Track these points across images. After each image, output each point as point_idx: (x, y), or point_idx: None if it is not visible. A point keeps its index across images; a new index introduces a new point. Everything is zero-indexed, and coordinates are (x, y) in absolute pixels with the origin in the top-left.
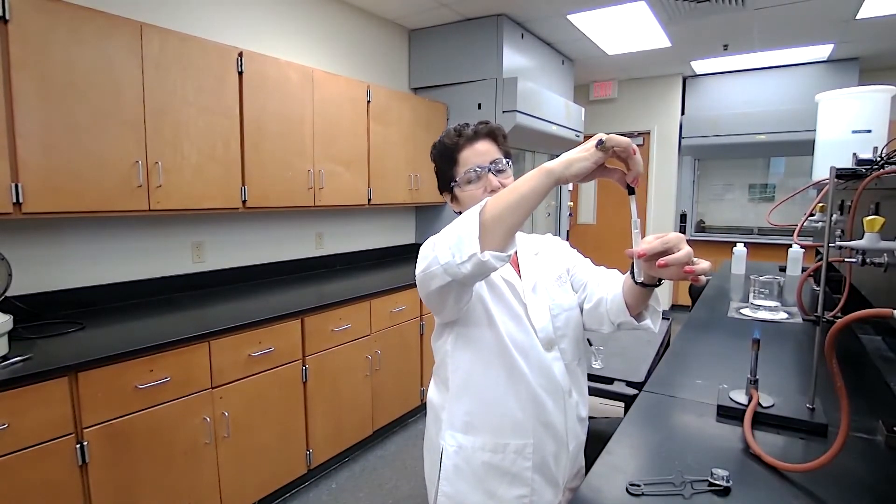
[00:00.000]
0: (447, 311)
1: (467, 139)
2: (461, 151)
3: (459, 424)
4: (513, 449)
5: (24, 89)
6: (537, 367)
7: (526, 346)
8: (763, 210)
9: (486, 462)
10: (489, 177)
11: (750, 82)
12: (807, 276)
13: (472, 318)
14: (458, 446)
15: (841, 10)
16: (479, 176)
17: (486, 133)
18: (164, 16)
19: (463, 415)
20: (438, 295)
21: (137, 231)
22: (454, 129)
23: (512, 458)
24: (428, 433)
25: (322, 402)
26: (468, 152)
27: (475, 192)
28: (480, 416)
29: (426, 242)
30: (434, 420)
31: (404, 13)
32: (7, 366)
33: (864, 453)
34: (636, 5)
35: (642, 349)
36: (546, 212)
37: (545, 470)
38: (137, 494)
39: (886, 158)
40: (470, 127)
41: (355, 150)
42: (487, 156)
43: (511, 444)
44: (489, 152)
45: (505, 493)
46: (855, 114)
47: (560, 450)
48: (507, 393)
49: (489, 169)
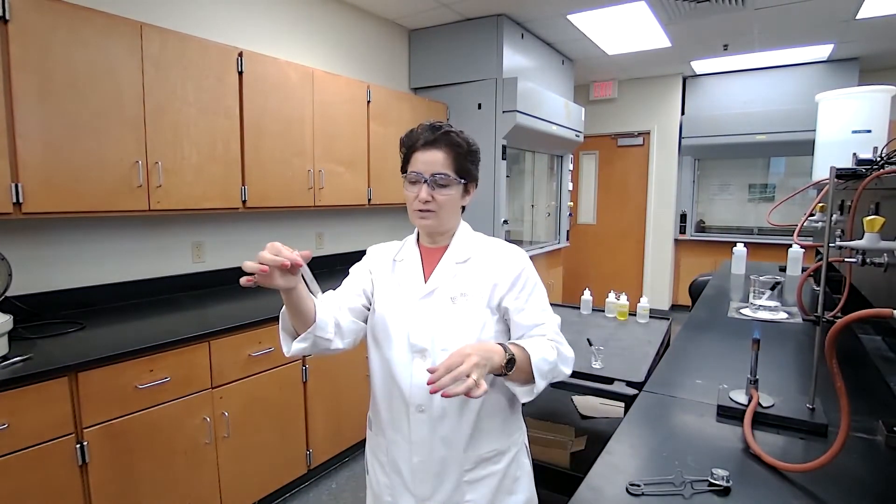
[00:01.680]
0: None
1: (423, 143)
2: (414, 152)
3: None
4: (381, 445)
5: (24, 89)
6: (398, 373)
7: (394, 350)
8: (763, 210)
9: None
10: (423, 187)
11: (750, 82)
12: (807, 276)
13: (371, 321)
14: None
15: (841, 10)
16: (413, 182)
17: (445, 144)
18: (164, 16)
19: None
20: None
21: (137, 231)
22: (423, 128)
23: (383, 452)
24: None
25: (322, 402)
26: (418, 155)
27: (409, 194)
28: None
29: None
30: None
31: (404, 13)
32: (7, 366)
33: (864, 453)
34: (636, 5)
35: (642, 349)
36: (546, 212)
37: (398, 475)
38: (137, 494)
39: (886, 158)
40: (435, 132)
41: (355, 150)
42: (432, 166)
43: (382, 442)
44: (436, 163)
45: (384, 483)
46: (855, 114)
47: (413, 459)
48: (381, 388)
49: (425, 180)
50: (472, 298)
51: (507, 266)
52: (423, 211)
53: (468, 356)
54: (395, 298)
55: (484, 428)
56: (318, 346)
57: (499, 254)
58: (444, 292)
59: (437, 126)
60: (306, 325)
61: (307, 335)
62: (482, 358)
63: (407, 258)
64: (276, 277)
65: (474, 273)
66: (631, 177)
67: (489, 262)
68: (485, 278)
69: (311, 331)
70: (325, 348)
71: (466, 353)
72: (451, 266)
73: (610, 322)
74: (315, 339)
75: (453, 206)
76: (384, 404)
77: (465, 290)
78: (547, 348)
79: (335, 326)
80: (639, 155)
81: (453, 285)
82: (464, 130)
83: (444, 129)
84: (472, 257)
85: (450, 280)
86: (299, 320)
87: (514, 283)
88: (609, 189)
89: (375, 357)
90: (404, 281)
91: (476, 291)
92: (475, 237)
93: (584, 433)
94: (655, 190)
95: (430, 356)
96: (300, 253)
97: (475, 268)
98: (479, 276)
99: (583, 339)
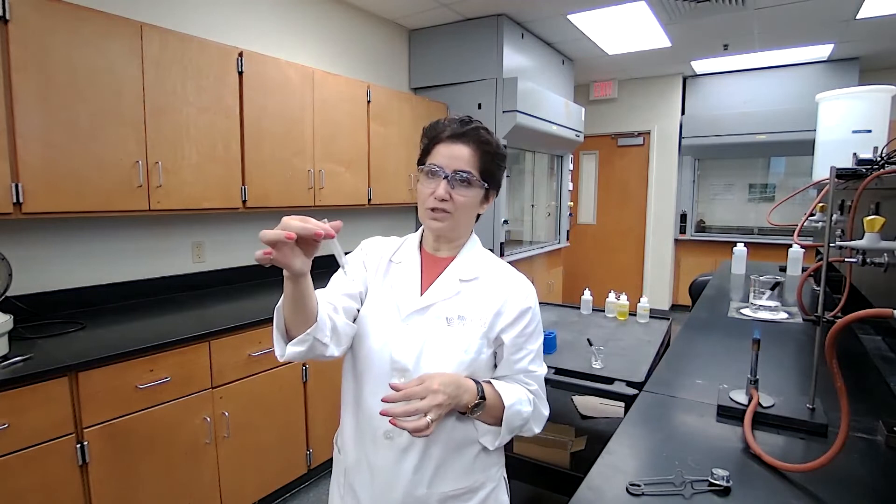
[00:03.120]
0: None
1: (449, 135)
2: (437, 143)
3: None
4: (340, 465)
5: (24, 89)
6: (371, 391)
7: (373, 363)
8: (763, 210)
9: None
10: (441, 182)
11: (750, 82)
12: (807, 276)
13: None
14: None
15: (841, 10)
16: (432, 175)
17: (474, 140)
18: (164, 16)
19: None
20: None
21: (137, 231)
22: (450, 120)
23: (342, 473)
24: None
25: (322, 402)
26: (441, 147)
27: (424, 189)
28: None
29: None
30: None
31: (404, 13)
32: (7, 365)
33: (864, 453)
34: (636, 5)
35: (642, 349)
36: (546, 212)
37: (356, 501)
38: (138, 494)
39: (886, 158)
40: (465, 126)
41: (355, 150)
42: (456, 161)
43: (341, 462)
44: (461, 159)
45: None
46: (855, 114)
47: (373, 487)
48: (351, 403)
49: (445, 175)
50: (471, 324)
51: (516, 296)
52: (436, 210)
53: (434, 393)
54: (384, 306)
55: (452, 464)
56: (315, 351)
57: (510, 281)
58: (440, 310)
59: (467, 120)
60: (306, 324)
61: (306, 337)
62: (449, 397)
63: (405, 262)
64: (296, 257)
65: (478, 295)
66: (631, 177)
67: (497, 287)
68: (489, 304)
69: (311, 332)
70: (320, 354)
71: (433, 389)
72: (453, 282)
73: (610, 322)
74: (314, 341)
75: (470, 211)
76: (350, 422)
77: (464, 313)
78: (525, 402)
79: (331, 330)
80: (639, 155)
81: (452, 305)
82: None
83: (475, 124)
84: (479, 277)
85: (450, 298)
86: (299, 317)
87: (519, 318)
88: (609, 189)
89: (349, 367)
90: (398, 288)
91: (476, 316)
92: (485, 255)
93: (584, 433)
94: (655, 190)
95: (410, 378)
96: (331, 223)
97: (480, 289)
98: (483, 299)
99: (583, 339)
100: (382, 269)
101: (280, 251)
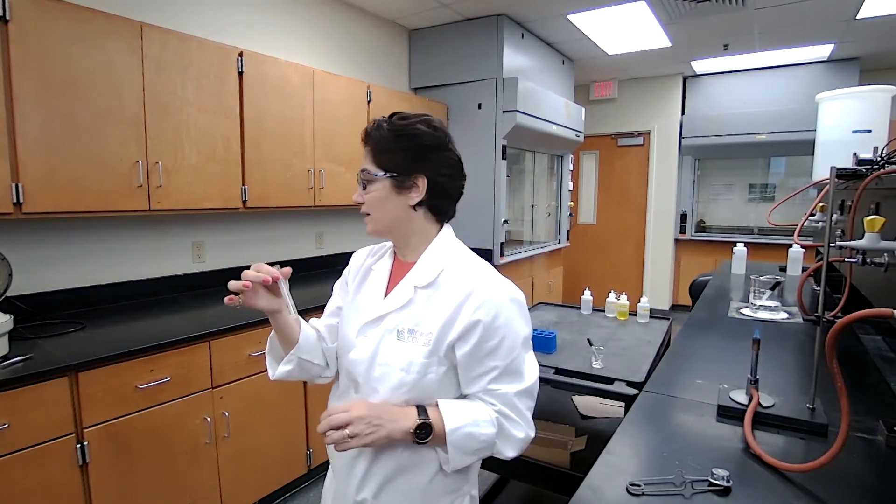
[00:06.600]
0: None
1: (365, 139)
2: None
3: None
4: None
5: (24, 89)
6: (335, 397)
7: (341, 371)
8: (763, 210)
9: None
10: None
11: (750, 82)
12: (807, 276)
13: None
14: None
15: (841, 10)
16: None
17: (370, 138)
18: (164, 16)
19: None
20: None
21: (137, 231)
22: (376, 122)
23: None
24: None
25: (323, 402)
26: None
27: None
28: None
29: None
30: None
31: (404, 13)
32: (7, 366)
33: (864, 453)
34: (636, 5)
35: (642, 349)
36: (546, 212)
37: (326, 499)
38: (138, 494)
39: (887, 158)
40: (368, 129)
41: (355, 150)
42: (363, 164)
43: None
44: (364, 161)
45: None
46: (855, 114)
47: (335, 487)
48: (329, 404)
49: (359, 178)
50: (418, 338)
51: (469, 307)
52: (365, 215)
53: (358, 419)
54: (353, 314)
55: (402, 483)
56: (308, 372)
57: (468, 288)
58: (392, 322)
59: (377, 120)
60: (291, 348)
61: (290, 357)
62: (371, 427)
63: (377, 268)
64: (260, 298)
65: (430, 305)
66: (631, 177)
67: (451, 295)
68: (437, 315)
69: (294, 352)
70: (316, 375)
71: (358, 416)
72: (408, 290)
73: (610, 322)
74: (300, 361)
75: (387, 205)
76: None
77: (415, 326)
78: (485, 423)
79: (322, 356)
80: (639, 155)
81: (404, 316)
82: (421, 117)
83: (379, 121)
84: (437, 282)
85: (403, 308)
86: (285, 345)
87: (468, 332)
88: (609, 189)
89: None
90: (365, 296)
91: (425, 331)
92: (450, 256)
93: (584, 433)
94: (655, 190)
95: (361, 391)
96: (281, 270)
97: (434, 298)
98: (433, 310)
99: (583, 339)
100: (362, 276)
101: (244, 296)
